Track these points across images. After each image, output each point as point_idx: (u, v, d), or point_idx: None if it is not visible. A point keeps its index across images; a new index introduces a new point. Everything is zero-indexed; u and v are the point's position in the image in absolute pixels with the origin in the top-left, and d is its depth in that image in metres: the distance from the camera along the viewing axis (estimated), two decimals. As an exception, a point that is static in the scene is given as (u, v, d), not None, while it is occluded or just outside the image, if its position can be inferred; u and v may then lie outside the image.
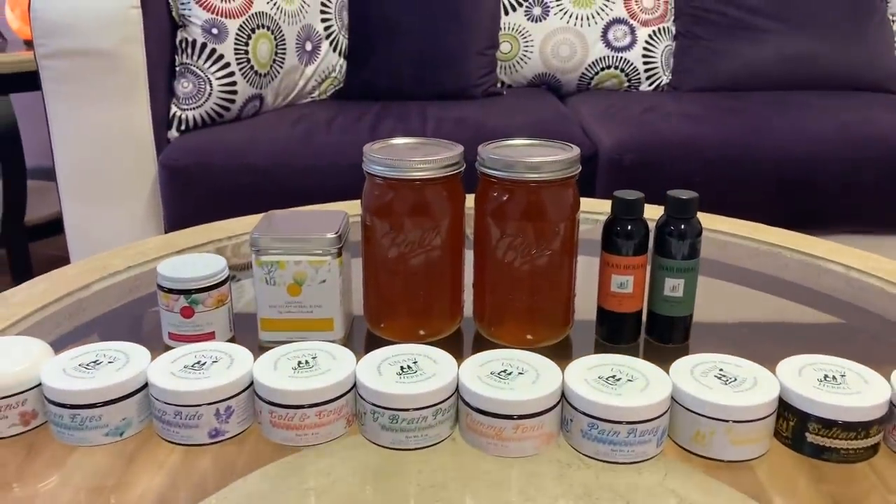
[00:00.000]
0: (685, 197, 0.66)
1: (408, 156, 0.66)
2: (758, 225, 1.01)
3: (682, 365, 0.58)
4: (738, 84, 1.81)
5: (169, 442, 0.56)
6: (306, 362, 0.58)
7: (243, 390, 0.56)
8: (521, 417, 0.54)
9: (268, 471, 0.53)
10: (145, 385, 0.57)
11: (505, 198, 0.65)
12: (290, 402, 0.55)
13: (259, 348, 0.67)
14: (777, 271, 0.90)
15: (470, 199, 0.68)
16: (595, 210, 1.05)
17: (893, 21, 1.89)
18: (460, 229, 0.70)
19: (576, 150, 0.66)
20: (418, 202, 0.66)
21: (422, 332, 0.70)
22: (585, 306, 0.72)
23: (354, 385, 0.57)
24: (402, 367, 0.57)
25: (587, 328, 0.72)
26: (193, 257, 0.70)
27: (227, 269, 0.69)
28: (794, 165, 1.44)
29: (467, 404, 0.55)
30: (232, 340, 0.69)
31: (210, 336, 0.67)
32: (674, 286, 0.68)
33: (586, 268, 0.72)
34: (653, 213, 0.69)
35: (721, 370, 0.57)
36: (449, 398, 0.56)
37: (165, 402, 0.55)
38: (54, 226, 1.96)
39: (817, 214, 1.47)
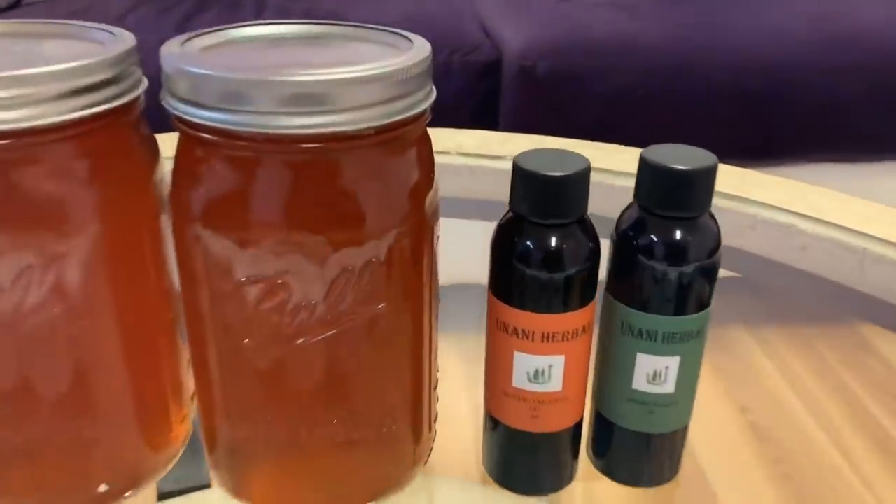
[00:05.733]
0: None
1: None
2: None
3: None
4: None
5: None
6: None
7: None
8: None
9: None
10: None
11: (239, 182, 0.25)
12: None
13: None
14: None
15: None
16: (494, 153, 0.64)
17: None
18: (139, 259, 0.29)
19: (420, 48, 0.27)
20: None
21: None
22: (462, 403, 0.33)
23: None
24: None
25: (460, 452, 0.34)
26: None
27: None
28: (758, 74, 1.24)
29: None
30: None
31: None
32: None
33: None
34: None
35: None
36: None
37: None
38: None
39: (788, 139, 1.28)
